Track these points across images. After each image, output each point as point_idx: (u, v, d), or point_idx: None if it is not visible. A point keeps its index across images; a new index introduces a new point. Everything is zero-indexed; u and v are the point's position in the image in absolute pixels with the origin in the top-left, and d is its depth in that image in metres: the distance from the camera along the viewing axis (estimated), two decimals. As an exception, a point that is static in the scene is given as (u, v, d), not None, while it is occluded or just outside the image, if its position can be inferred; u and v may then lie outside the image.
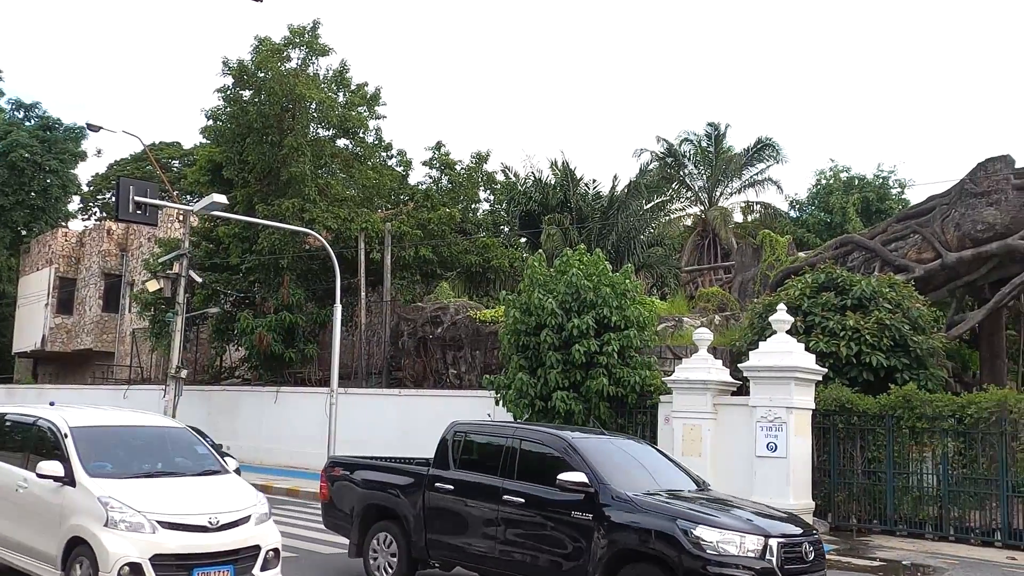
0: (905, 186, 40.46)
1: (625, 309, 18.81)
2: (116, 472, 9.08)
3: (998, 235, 21.64)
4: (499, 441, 10.22)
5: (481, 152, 33.91)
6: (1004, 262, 22.04)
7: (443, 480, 10.26)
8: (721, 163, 42.51)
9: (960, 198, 22.60)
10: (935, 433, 16.04)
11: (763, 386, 16.16)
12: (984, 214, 21.96)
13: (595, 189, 37.45)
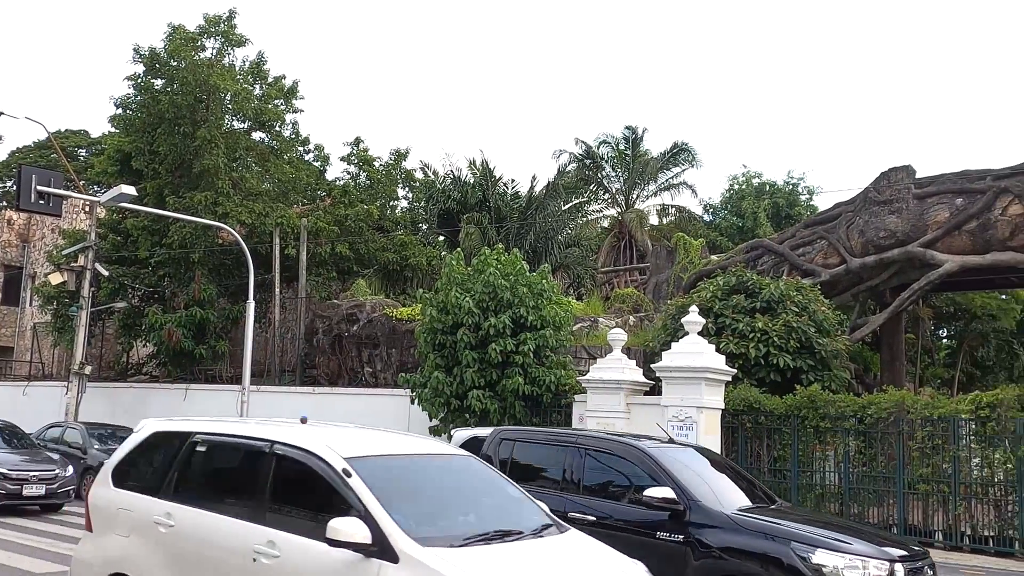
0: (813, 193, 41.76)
1: (542, 309, 18.96)
2: (444, 535, 5.67)
3: (899, 242, 22.53)
4: (557, 451, 9.06)
5: (400, 149, 33.66)
6: (904, 268, 22.97)
7: None
8: (638, 166, 43.16)
9: (864, 206, 23.44)
10: (837, 432, 16.59)
11: (675, 386, 16.47)
12: (886, 222, 22.83)
13: (514, 189, 37.62)
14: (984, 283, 27.45)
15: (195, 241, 28.29)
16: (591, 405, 17.83)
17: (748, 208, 40.02)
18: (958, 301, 34.33)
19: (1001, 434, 15.14)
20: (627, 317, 25.55)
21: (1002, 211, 21.23)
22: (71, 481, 16.77)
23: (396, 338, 24.76)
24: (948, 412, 15.54)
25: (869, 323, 24.23)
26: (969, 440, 15.57)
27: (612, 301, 28.64)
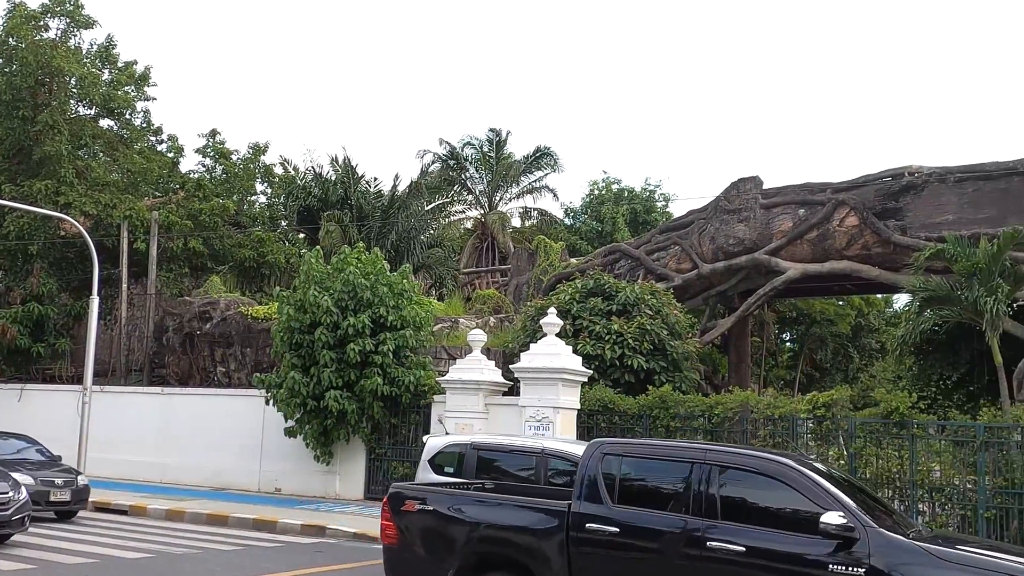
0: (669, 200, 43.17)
1: (402, 309, 18.85)
2: None
3: (747, 249, 23.61)
4: (681, 467, 7.65)
5: (259, 143, 32.77)
6: (751, 274, 24.08)
7: (599, 520, 7.46)
8: (502, 168, 43.53)
9: (715, 214, 24.44)
10: (687, 431, 17.20)
11: (532, 386, 16.70)
12: (735, 230, 23.88)
13: (376, 187, 37.22)
14: (823, 290, 29.13)
15: (34, 232, 26.68)
16: (450, 406, 17.86)
17: (607, 213, 40.99)
18: (800, 306, 36.31)
19: (835, 431, 16.07)
20: (488, 318, 25.71)
21: (840, 222, 22.56)
22: (26, 506, 12.69)
23: (251, 337, 24.07)
24: (788, 411, 16.37)
25: (718, 326, 25.26)
26: (807, 437, 16.45)
27: (473, 302, 28.76)
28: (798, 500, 7.01)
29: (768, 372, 39.08)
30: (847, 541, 6.62)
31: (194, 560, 12.25)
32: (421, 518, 8.23)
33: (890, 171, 22.90)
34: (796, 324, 39.12)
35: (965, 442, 15.27)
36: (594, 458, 7.85)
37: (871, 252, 22.21)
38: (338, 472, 19.72)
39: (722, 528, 7.07)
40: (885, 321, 41.27)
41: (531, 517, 7.84)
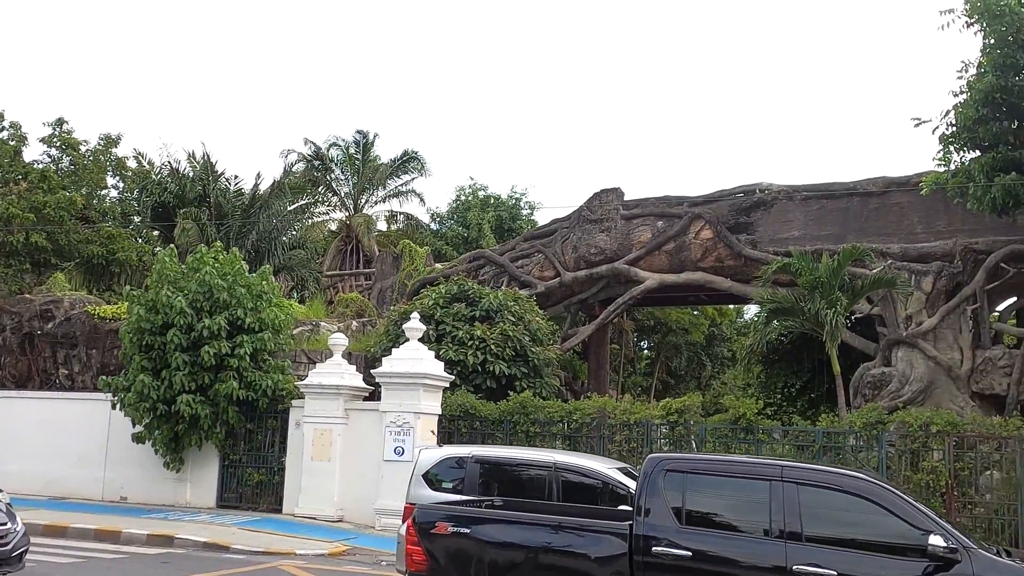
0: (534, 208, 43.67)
1: (261, 311, 18.37)
2: None
3: (608, 259, 24.21)
4: (757, 485, 7.10)
5: (111, 135, 31.26)
6: (611, 283, 24.70)
7: (668, 543, 6.95)
8: (368, 171, 43.06)
9: (578, 223, 24.95)
10: (547, 436, 17.47)
11: (394, 391, 16.59)
12: (597, 239, 24.44)
13: (237, 186, 36.07)
14: (679, 299, 30.19)
15: None
16: (309, 411, 17.53)
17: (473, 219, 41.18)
18: (657, 315, 37.49)
19: (687, 436, 16.68)
20: (350, 322, 25.37)
21: (695, 235, 23.43)
22: (25, 540, 10.79)
23: (98, 338, 22.89)
24: (643, 417, 16.89)
25: (579, 333, 25.78)
26: (661, 442, 17.00)
27: (336, 305, 28.32)
28: (887, 520, 6.66)
29: (626, 379, 40.15)
30: (947, 563, 6.34)
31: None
32: (456, 542, 7.52)
33: (743, 187, 23.96)
34: (653, 332, 40.34)
35: (806, 446, 16.13)
36: (655, 474, 7.27)
37: (724, 264, 23.17)
38: (189, 479, 19.00)
39: (808, 551, 6.62)
40: (736, 331, 43.09)
41: (587, 540, 7.22)
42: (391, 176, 43.64)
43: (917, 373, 19.98)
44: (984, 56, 17.52)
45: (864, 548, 6.68)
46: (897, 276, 19.78)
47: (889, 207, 22.05)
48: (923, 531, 6.48)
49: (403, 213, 44.29)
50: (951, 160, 18.47)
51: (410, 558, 7.72)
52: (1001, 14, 16.75)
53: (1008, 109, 17.34)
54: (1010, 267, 20.03)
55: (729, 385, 43.03)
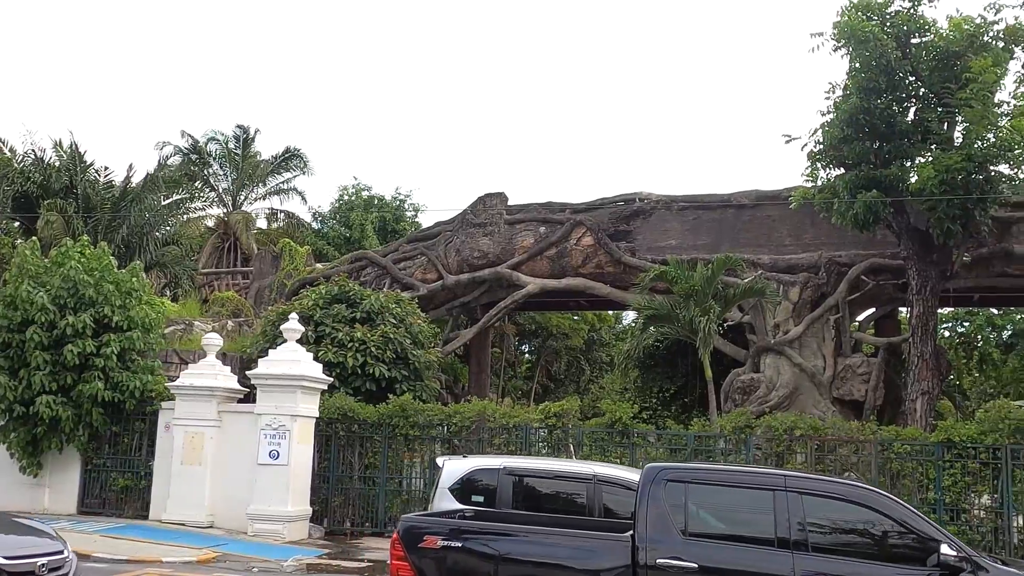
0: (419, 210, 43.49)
1: (130, 309, 17.64)
2: None
3: (490, 263, 24.34)
4: (761, 496, 6.96)
5: (-31, 119, 29.38)
6: (494, 287, 24.85)
7: (673, 555, 6.75)
8: (248, 167, 42.00)
9: (462, 227, 25.00)
10: (425, 440, 17.40)
11: (270, 394, 16.21)
12: (480, 243, 24.55)
13: (108, 177, 34.52)
14: (560, 304, 30.61)
15: None
16: (180, 413, 16.93)
17: (356, 220, 40.70)
18: (538, 320, 37.92)
19: (565, 440, 16.89)
20: (226, 322, 24.67)
21: (577, 241, 23.82)
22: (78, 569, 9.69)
23: (-51, 335, 21.49)
24: (522, 420, 17.02)
25: (460, 337, 25.81)
26: (539, 446, 17.16)
27: (211, 304, 27.48)
28: (891, 529, 6.67)
29: (507, 382, 40.42)
30: (954, 572, 6.35)
31: None
32: (447, 556, 7.10)
33: (623, 196, 24.50)
34: (534, 336, 40.77)
35: (679, 449, 16.59)
36: (655, 485, 7.05)
37: (604, 271, 23.63)
38: (48, 485, 18.04)
39: (814, 561, 6.55)
40: (615, 336, 44.01)
41: (587, 552, 6.96)
42: (272, 173, 42.71)
43: (783, 379, 20.86)
44: (850, 79, 18.47)
45: (869, 557, 6.69)
46: (767, 286, 20.62)
47: (761, 219, 22.97)
48: (929, 540, 6.49)
49: (284, 211, 43.43)
50: (818, 176, 19.39)
51: (396, 574, 7.25)
52: (866, 40, 17.68)
53: (871, 130, 18.32)
54: (870, 279, 21.16)
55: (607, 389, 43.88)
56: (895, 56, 17.88)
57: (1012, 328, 35.62)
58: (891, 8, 18.35)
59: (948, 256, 18.90)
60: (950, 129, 18.33)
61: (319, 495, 17.17)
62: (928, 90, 18.40)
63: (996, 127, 17.40)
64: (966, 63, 17.58)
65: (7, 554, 8.22)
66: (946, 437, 15.01)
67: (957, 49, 17.95)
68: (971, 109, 17.09)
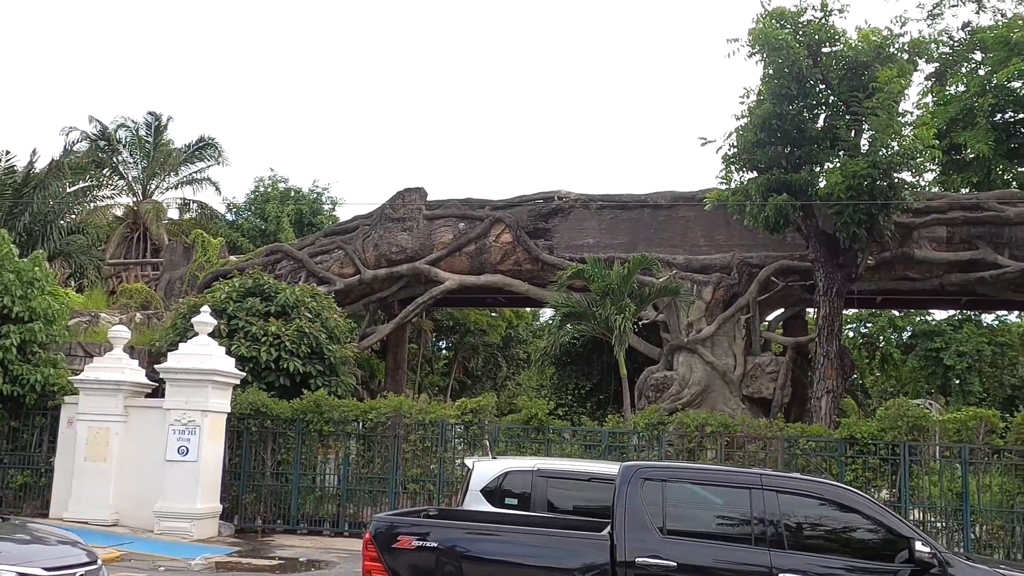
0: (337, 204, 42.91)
1: (31, 299, 17.00)
2: None
3: (408, 258, 24.20)
4: (738, 494, 7.05)
5: None
6: (412, 282, 24.71)
7: (652, 554, 6.76)
8: (160, 155, 40.85)
9: (380, 221, 24.79)
10: (340, 436, 17.22)
11: (179, 388, 15.82)
12: (399, 238, 24.38)
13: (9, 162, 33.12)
14: (478, 301, 30.62)
15: None
16: (84, 407, 16.37)
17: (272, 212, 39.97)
18: (456, 316, 37.85)
19: (481, 436, 16.94)
20: (134, 314, 23.97)
21: (496, 238, 23.86)
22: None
23: None
24: (438, 416, 17.00)
25: (377, 332, 25.60)
26: (455, 442, 17.17)
27: (119, 296, 26.65)
28: (865, 527, 6.82)
29: (424, 378, 40.25)
30: (926, 568, 6.48)
31: None
32: (422, 557, 6.95)
33: (543, 194, 24.63)
34: (452, 333, 40.70)
35: (593, 445, 16.79)
36: (633, 483, 7.06)
37: (522, 268, 23.73)
38: (-60, 482, 17.28)
39: (792, 558, 6.63)
40: (532, 333, 44.25)
41: (567, 552, 6.92)
42: (185, 162, 41.63)
43: (695, 377, 21.29)
44: (763, 85, 18.96)
45: (844, 554, 6.80)
46: (681, 285, 21.02)
47: (676, 220, 23.39)
48: (901, 536, 6.65)
49: (197, 202, 42.36)
50: (732, 179, 19.85)
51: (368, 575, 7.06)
52: (779, 47, 18.17)
53: (782, 135, 18.84)
54: (779, 281, 21.76)
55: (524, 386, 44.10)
56: (807, 64, 18.42)
57: (912, 330, 37.11)
58: (804, 17, 18.91)
59: (853, 259, 19.56)
60: (857, 136, 18.98)
61: (230, 492, 16.85)
62: (837, 98, 19.02)
63: (900, 136, 18.09)
64: (873, 73, 18.24)
65: (47, 565, 7.86)
66: (849, 434, 15.57)
67: (865, 59, 18.61)
68: (877, 118, 17.73)
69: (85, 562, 8.12)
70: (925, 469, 15.48)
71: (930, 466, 15.52)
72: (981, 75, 28.90)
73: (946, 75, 29.84)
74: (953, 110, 28.21)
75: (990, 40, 28.44)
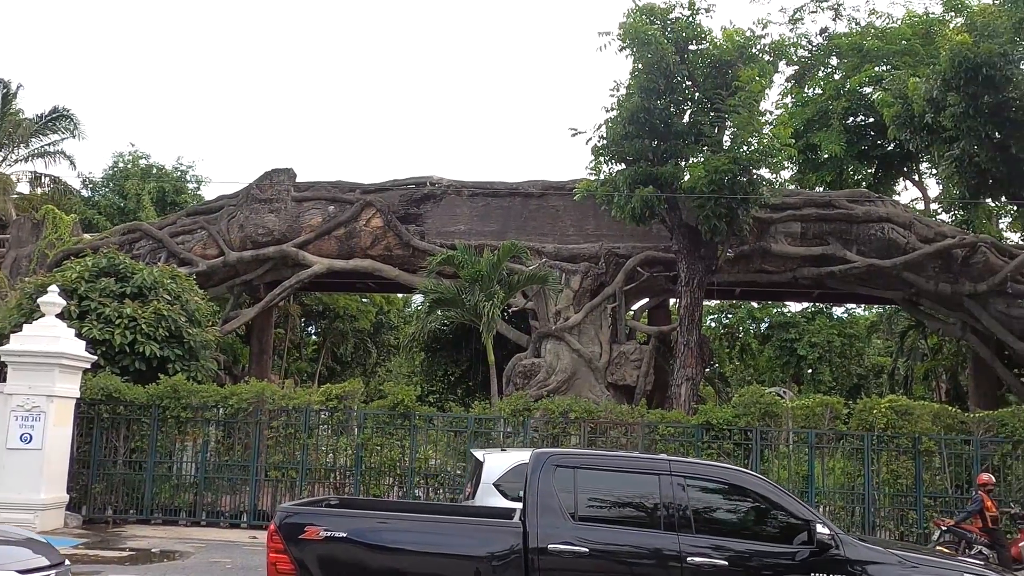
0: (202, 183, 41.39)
1: None
2: None
3: (276, 240, 23.61)
4: (647, 480, 7.18)
5: None
6: (279, 265, 24.13)
7: (563, 540, 6.81)
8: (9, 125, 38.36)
9: (247, 202, 24.08)
10: (199, 423, 16.66)
11: (23, 372, 14.94)
12: (266, 220, 23.75)
13: None
14: (348, 286, 30.20)
15: None
16: (-86, 393, 15.24)
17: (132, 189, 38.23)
18: (325, 301, 37.23)
19: (347, 422, 16.71)
20: (-25, 293, 22.46)
21: (366, 222, 23.56)
22: None
23: None
24: (303, 402, 16.66)
25: (241, 316, 24.88)
26: (320, 429, 16.88)
27: (-42, 274, 24.92)
28: (768, 510, 7.09)
29: (291, 364, 39.45)
30: (823, 547, 6.76)
31: None
32: (332, 548, 6.78)
33: (415, 179, 24.47)
34: (321, 318, 40.02)
35: (460, 432, 16.83)
36: (544, 470, 7.10)
37: (393, 253, 23.52)
38: None
39: (700, 542, 6.82)
40: (403, 319, 43.99)
41: (479, 540, 6.89)
42: (37, 134, 39.25)
43: (562, 364, 21.64)
44: (633, 79, 19.37)
45: (749, 536, 7.07)
46: (550, 273, 21.29)
47: (547, 209, 23.66)
48: (802, 519, 6.91)
49: (49, 176, 40.03)
50: (601, 170, 20.24)
51: (273, 567, 6.85)
52: (648, 43, 18.59)
53: (650, 129, 19.31)
54: (645, 271, 22.34)
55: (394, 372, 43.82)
56: (674, 60, 18.92)
57: (769, 321, 38.88)
58: (672, 14, 19.41)
59: (714, 252, 20.27)
60: (720, 133, 19.65)
61: (78, 481, 16.05)
62: (702, 95, 19.62)
63: (760, 134, 18.84)
64: (736, 72, 18.91)
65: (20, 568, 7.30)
66: (705, 420, 16.15)
67: (729, 59, 19.26)
68: (739, 115, 18.39)
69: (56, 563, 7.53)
70: (776, 453, 16.20)
71: (780, 450, 16.26)
72: (836, 79, 30.47)
73: (805, 78, 31.30)
74: (810, 111, 29.65)
75: (845, 46, 30.01)
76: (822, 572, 6.72)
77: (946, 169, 21.80)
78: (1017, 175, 19.24)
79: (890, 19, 30.88)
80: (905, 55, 27.87)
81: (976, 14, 22.13)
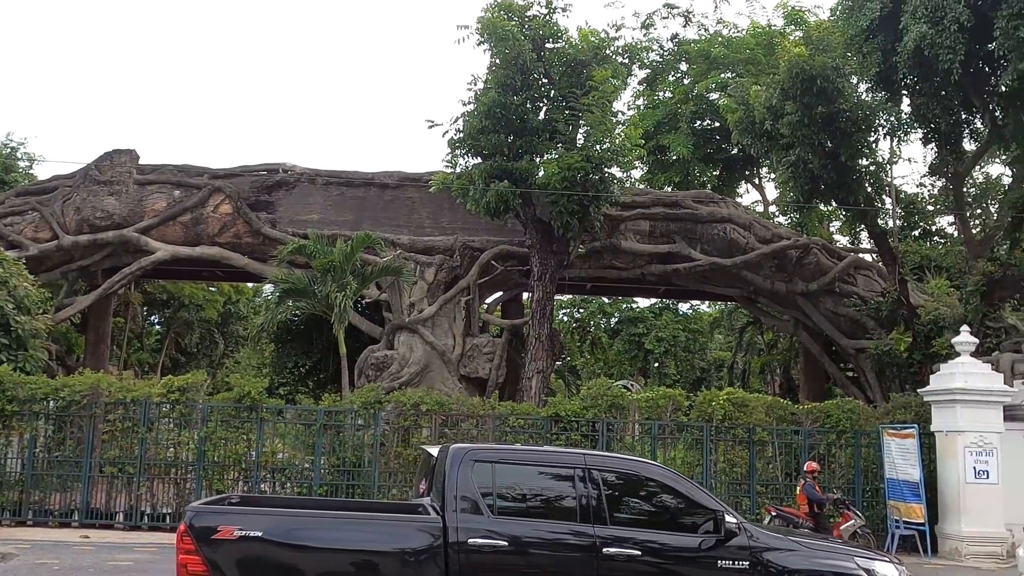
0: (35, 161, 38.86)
1: None
2: None
3: (116, 224, 22.46)
4: (561, 474, 7.38)
5: None
6: (119, 251, 22.95)
7: (482, 534, 6.83)
8: None
9: (84, 183, 22.81)
10: (27, 416, 15.69)
11: None
12: (105, 203, 22.55)
13: None
14: (193, 274, 29.03)
15: None
16: None
17: (-46, 166, 35.56)
18: (169, 289, 35.68)
19: (190, 415, 16.10)
20: None
21: (214, 208, 22.73)
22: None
23: None
24: (142, 395, 15.95)
25: (76, 303, 23.52)
26: (160, 422, 16.20)
27: None
28: (678, 502, 7.41)
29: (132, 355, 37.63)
30: (728, 535, 7.10)
31: None
32: (246, 548, 6.56)
33: (267, 165, 23.80)
34: (165, 307, 38.35)
35: (309, 424, 16.53)
36: (463, 466, 7.11)
37: (242, 241, 22.80)
38: None
39: (614, 533, 7.04)
40: (252, 309, 42.72)
41: (397, 536, 6.84)
42: None
43: (416, 356, 21.58)
44: (490, 74, 19.50)
45: (661, 527, 7.36)
46: (404, 265, 21.18)
47: (402, 200, 23.50)
48: (710, 510, 7.26)
49: None
50: (457, 164, 20.28)
51: (184, 569, 6.58)
52: (505, 38, 18.76)
53: (506, 124, 19.49)
54: (499, 265, 22.54)
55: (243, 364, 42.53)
56: (531, 58, 19.17)
57: (619, 316, 40.00)
58: (530, 12, 19.65)
59: (566, 247, 20.68)
60: (574, 131, 20.04)
61: None
62: (558, 92, 19.96)
63: (612, 133, 19.33)
64: (591, 72, 19.32)
65: None
66: (554, 412, 16.49)
67: (584, 58, 19.67)
68: (592, 114, 18.82)
69: None
70: (621, 444, 16.71)
71: (625, 441, 16.78)
72: (685, 84, 31.64)
73: (656, 81, 32.34)
74: (660, 114, 30.67)
75: (694, 53, 31.20)
76: (730, 559, 7.11)
77: (783, 174, 22.98)
78: (846, 182, 20.49)
79: (736, 29, 32.35)
80: (749, 64, 29.21)
81: (813, 29, 23.44)
